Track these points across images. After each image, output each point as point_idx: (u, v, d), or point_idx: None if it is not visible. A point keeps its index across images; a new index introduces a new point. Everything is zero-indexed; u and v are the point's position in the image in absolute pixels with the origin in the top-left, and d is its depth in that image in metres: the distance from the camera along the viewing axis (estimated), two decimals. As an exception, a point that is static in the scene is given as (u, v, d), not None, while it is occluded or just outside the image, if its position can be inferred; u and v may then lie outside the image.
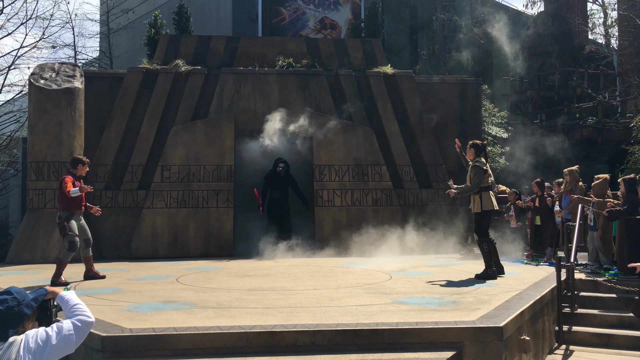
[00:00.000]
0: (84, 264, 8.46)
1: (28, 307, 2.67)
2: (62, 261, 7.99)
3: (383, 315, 5.46)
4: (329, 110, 13.15)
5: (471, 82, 14.76)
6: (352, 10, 22.92)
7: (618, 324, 7.32)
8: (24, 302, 2.66)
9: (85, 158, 8.65)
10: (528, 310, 6.01)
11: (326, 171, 12.75)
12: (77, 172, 8.34)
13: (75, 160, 8.43)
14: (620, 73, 24.29)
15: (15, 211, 16.23)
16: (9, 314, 2.59)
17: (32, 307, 2.69)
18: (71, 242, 7.99)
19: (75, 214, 8.17)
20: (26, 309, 2.66)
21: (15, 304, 2.62)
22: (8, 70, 17.77)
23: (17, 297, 2.65)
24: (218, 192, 12.50)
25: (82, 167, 8.42)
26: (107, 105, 12.91)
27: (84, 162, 8.48)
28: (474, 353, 5.01)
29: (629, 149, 14.72)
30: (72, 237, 8.00)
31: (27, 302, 2.68)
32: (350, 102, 13.31)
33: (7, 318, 2.59)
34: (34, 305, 2.70)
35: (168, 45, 13.76)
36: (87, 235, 8.40)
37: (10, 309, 2.60)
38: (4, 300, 2.62)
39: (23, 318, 2.63)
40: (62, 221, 8.01)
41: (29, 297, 2.71)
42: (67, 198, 8.01)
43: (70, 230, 8.00)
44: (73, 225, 8.08)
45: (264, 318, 5.37)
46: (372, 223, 12.24)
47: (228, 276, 8.68)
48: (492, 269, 8.11)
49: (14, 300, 2.63)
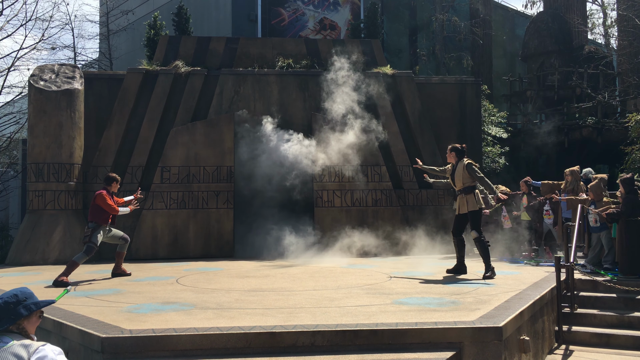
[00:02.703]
0: (116, 259, 8.86)
1: (25, 308, 2.79)
2: (75, 263, 8.08)
3: (383, 316, 5.46)
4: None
5: (471, 82, 14.77)
6: (352, 11, 22.93)
7: (618, 324, 7.32)
8: (23, 303, 2.78)
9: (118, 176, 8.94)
10: (528, 310, 6.01)
11: (326, 172, 12.76)
12: (111, 189, 8.58)
13: (110, 178, 8.68)
14: (620, 73, 24.29)
15: (15, 213, 16.25)
16: (6, 309, 2.74)
17: (30, 309, 2.80)
18: (89, 247, 8.19)
19: (102, 226, 8.37)
20: (23, 309, 2.78)
21: (14, 302, 2.77)
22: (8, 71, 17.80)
23: (19, 297, 2.79)
24: (218, 193, 12.51)
25: (116, 184, 8.70)
26: (107, 106, 12.91)
27: (118, 180, 8.80)
28: (473, 353, 5.01)
29: (626, 149, 14.73)
30: (92, 245, 8.22)
31: (26, 304, 2.79)
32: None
33: (3, 312, 2.74)
34: (32, 308, 2.81)
35: (167, 46, 13.77)
36: (120, 234, 8.77)
37: (8, 304, 2.75)
38: (8, 296, 2.78)
39: (18, 317, 2.76)
40: (89, 230, 8.30)
41: (31, 300, 2.83)
42: (99, 211, 8.27)
43: (92, 240, 8.22)
44: (98, 236, 8.29)
45: (263, 319, 5.38)
46: (372, 223, 12.25)
47: (228, 277, 8.69)
48: (493, 268, 8.20)
49: (14, 297, 2.78)
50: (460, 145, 8.66)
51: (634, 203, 8.12)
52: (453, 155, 8.51)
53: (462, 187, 8.34)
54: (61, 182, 11.62)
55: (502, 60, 29.39)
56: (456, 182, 8.44)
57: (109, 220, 8.44)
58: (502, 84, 26.43)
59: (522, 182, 11.34)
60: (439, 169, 8.96)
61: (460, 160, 8.46)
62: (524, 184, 11.23)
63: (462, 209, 8.38)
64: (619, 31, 24.71)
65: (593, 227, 8.92)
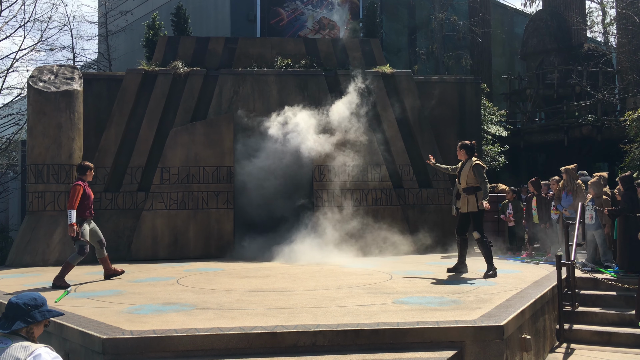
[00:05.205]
0: (102, 265, 8.61)
1: (40, 314, 2.89)
2: (70, 264, 8.00)
3: (384, 315, 5.46)
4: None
5: (470, 81, 14.77)
6: (351, 11, 22.92)
7: (619, 322, 7.32)
8: (40, 308, 2.90)
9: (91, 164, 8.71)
10: (529, 309, 6.01)
11: (326, 171, 12.76)
12: (86, 178, 8.40)
13: (84, 167, 8.45)
14: (619, 71, 24.29)
15: (15, 214, 16.25)
16: (23, 310, 2.84)
17: (44, 315, 2.90)
18: (81, 247, 8.05)
19: (87, 218, 8.22)
20: (38, 314, 2.88)
21: (32, 305, 2.87)
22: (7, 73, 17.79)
23: (37, 301, 2.90)
24: (218, 193, 12.50)
25: (91, 172, 8.50)
26: (106, 107, 12.90)
27: (92, 167, 8.57)
28: (475, 352, 5.00)
29: (625, 147, 14.73)
30: (83, 242, 8.07)
31: (42, 310, 2.90)
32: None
33: (19, 313, 2.83)
34: (46, 315, 2.91)
35: (166, 46, 13.76)
36: (99, 236, 8.50)
37: (27, 306, 2.85)
38: (27, 297, 2.89)
39: (31, 320, 2.84)
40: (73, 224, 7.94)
41: (46, 307, 2.94)
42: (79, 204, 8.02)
43: (82, 236, 8.06)
44: (85, 230, 8.14)
45: (264, 319, 5.37)
46: (372, 223, 12.23)
47: (228, 277, 8.69)
48: (495, 267, 8.20)
49: (34, 301, 2.89)
50: (470, 142, 8.61)
51: (633, 199, 8.14)
52: (463, 152, 8.47)
53: (466, 187, 8.33)
54: (61, 183, 11.60)
55: (502, 59, 29.38)
56: (461, 180, 8.43)
57: (92, 212, 8.27)
58: (502, 82, 26.43)
59: (529, 183, 11.22)
60: (450, 168, 8.93)
61: (469, 158, 8.42)
62: (531, 185, 11.10)
63: (463, 208, 8.39)
64: (618, 29, 24.70)
65: (588, 225, 8.93)
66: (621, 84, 24.33)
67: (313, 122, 11.97)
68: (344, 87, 13.22)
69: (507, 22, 30.37)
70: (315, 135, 12.00)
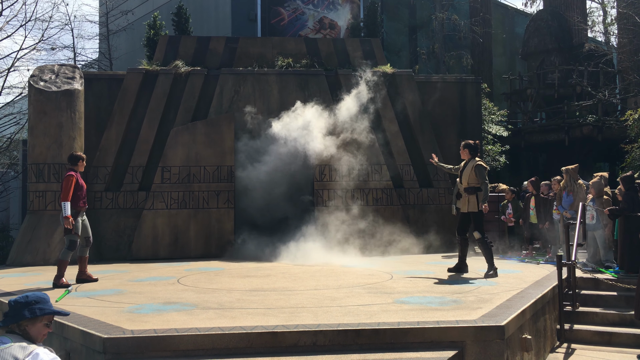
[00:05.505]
0: (78, 264, 8.25)
1: (30, 311, 2.84)
2: (62, 261, 7.90)
3: (384, 315, 5.46)
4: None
5: (471, 81, 14.77)
6: (351, 10, 22.91)
7: (620, 322, 7.32)
8: (30, 306, 2.85)
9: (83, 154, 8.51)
10: (529, 309, 6.01)
11: (326, 171, 12.76)
12: (78, 169, 8.26)
13: (75, 157, 8.29)
14: (620, 71, 24.27)
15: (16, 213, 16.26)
16: (14, 308, 2.84)
17: (34, 313, 2.85)
18: (72, 241, 7.92)
19: (81, 210, 8.09)
20: (27, 312, 2.83)
21: (22, 302, 2.85)
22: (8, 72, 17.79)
23: (29, 299, 2.87)
24: (218, 193, 12.51)
25: (82, 162, 8.33)
26: (107, 106, 12.91)
27: (84, 157, 8.39)
28: (475, 352, 5.00)
29: (625, 147, 14.73)
30: (75, 236, 7.93)
31: (32, 307, 2.85)
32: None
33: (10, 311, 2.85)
34: (36, 312, 2.85)
35: (167, 46, 13.76)
36: (88, 233, 8.27)
37: (17, 304, 2.84)
38: (21, 297, 2.88)
39: (20, 318, 2.82)
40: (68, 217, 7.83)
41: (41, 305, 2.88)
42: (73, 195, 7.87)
43: (75, 230, 7.93)
44: (77, 224, 7.99)
45: (265, 318, 5.37)
46: (372, 223, 12.23)
47: (229, 277, 8.69)
48: (495, 267, 8.21)
49: (24, 299, 2.87)
50: (473, 142, 8.62)
51: (634, 199, 8.14)
52: (466, 152, 8.49)
53: (467, 187, 8.34)
54: (61, 183, 11.59)
55: (502, 59, 29.36)
56: (463, 180, 8.45)
57: (85, 202, 8.13)
58: (502, 82, 26.42)
59: (528, 182, 11.22)
60: (453, 168, 8.94)
61: (472, 158, 8.44)
62: (530, 185, 11.11)
63: (464, 208, 8.41)
64: (618, 29, 24.70)
65: (588, 224, 8.93)
66: (622, 84, 24.32)
67: (314, 121, 11.98)
68: (344, 86, 13.22)
69: (507, 22, 30.36)
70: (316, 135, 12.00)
